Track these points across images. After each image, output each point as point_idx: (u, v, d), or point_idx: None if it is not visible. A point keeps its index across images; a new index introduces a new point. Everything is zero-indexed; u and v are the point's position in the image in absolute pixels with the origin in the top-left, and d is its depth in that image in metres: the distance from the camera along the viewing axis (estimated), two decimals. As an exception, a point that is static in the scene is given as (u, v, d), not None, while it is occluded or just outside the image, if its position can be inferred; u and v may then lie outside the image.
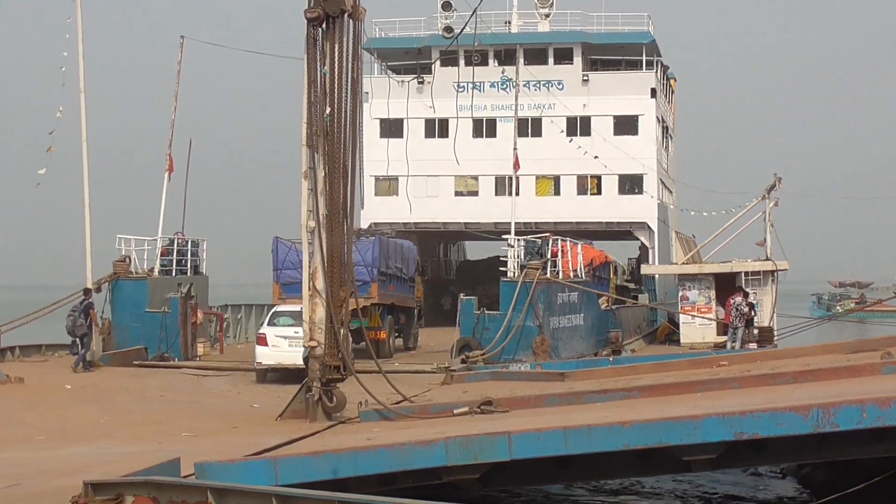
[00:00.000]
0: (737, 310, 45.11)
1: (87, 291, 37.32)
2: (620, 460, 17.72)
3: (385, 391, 25.03)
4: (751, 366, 27.24)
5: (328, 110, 23.01)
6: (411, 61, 64.37)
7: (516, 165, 47.07)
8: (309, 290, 23.55)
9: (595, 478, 20.18)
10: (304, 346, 24.10)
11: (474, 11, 34.92)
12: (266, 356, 34.08)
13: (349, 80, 23.30)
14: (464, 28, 37.88)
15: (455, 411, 22.27)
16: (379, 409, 23.36)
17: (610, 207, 63.29)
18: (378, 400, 23.72)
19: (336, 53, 23.10)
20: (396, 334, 43.95)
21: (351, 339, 34.28)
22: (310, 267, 23.79)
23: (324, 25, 23.19)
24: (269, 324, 35.18)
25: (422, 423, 21.60)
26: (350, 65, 23.32)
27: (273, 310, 36.87)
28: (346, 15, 23.03)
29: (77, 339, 35.94)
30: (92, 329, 36.09)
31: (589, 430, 17.20)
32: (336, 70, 23.10)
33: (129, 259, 41.72)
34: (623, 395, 23.08)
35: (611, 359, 34.59)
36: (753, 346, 43.39)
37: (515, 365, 35.36)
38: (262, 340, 34.53)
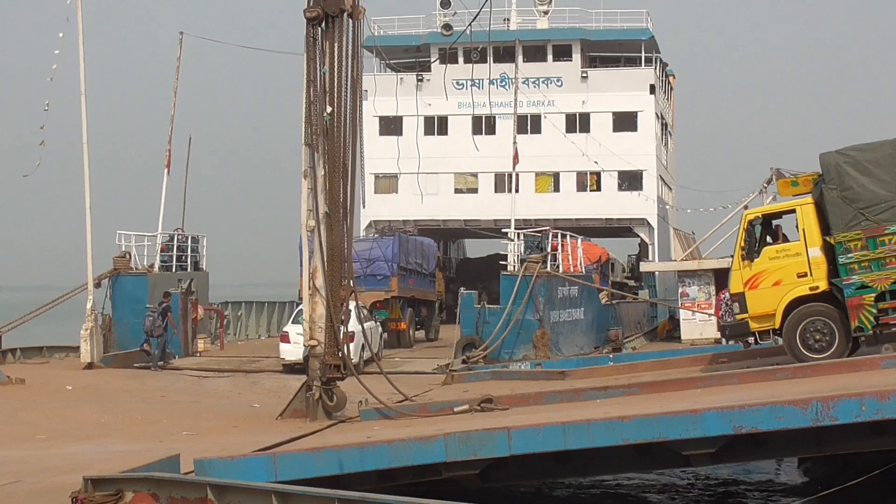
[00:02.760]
0: (725, 305, 45.01)
1: (166, 295, 38.59)
2: (620, 455, 17.74)
3: (386, 391, 25.04)
4: (751, 362, 27.27)
5: (329, 110, 23.00)
6: (410, 59, 64.46)
7: (515, 160, 47.10)
8: (309, 288, 23.57)
9: (595, 473, 20.14)
10: (304, 345, 24.14)
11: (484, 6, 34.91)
12: (288, 352, 35.18)
13: (349, 80, 23.30)
14: (490, 24, 38.16)
15: (455, 409, 22.32)
16: (379, 407, 23.38)
17: (609, 204, 63.37)
18: (378, 399, 23.73)
19: (335, 53, 23.09)
20: (418, 326, 46.25)
21: (381, 329, 35.54)
22: (310, 266, 23.82)
23: (323, 25, 23.19)
24: (293, 321, 36.10)
25: (422, 421, 21.62)
26: (350, 64, 23.32)
27: (299, 307, 37.71)
28: (345, 14, 23.02)
29: (152, 339, 36.99)
30: (167, 330, 37.28)
31: (588, 426, 17.23)
32: (336, 69, 23.10)
33: (130, 255, 41.84)
34: (623, 392, 23.13)
35: (611, 356, 34.62)
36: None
37: (516, 364, 35.42)
38: (285, 338, 35.96)
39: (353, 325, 36.25)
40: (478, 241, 70.15)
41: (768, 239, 26.54)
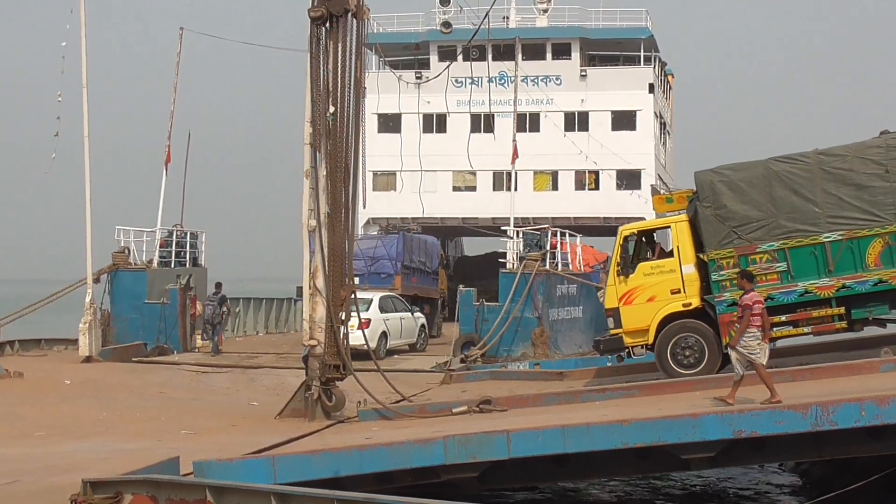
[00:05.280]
0: None
1: (218, 285, 40.54)
2: (619, 459, 17.77)
3: (384, 390, 25.02)
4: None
5: (332, 109, 22.98)
6: (409, 56, 64.41)
7: (514, 156, 47.09)
8: (309, 288, 23.55)
9: (593, 476, 20.20)
10: (304, 344, 24.13)
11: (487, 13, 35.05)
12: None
13: (352, 79, 23.28)
14: (477, 31, 38.26)
15: (454, 410, 22.35)
16: (378, 408, 23.38)
17: (608, 203, 63.29)
18: (377, 399, 23.71)
19: (339, 52, 23.08)
20: None
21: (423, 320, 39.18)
22: (311, 266, 23.78)
23: (327, 24, 23.17)
24: None
25: (420, 422, 21.62)
26: (353, 64, 23.31)
27: None
28: (349, 14, 23.01)
29: (213, 326, 39.49)
30: (223, 317, 40.10)
31: (587, 429, 17.27)
32: (339, 69, 23.09)
33: (128, 250, 41.93)
34: (622, 394, 23.15)
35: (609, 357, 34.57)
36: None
37: (514, 363, 35.42)
38: None
39: (373, 313, 36.95)
40: (476, 239, 70.16)
41: (648, 254, 26.85)
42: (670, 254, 26.23)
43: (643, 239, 26.95)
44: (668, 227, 26.52)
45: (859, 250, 24.71)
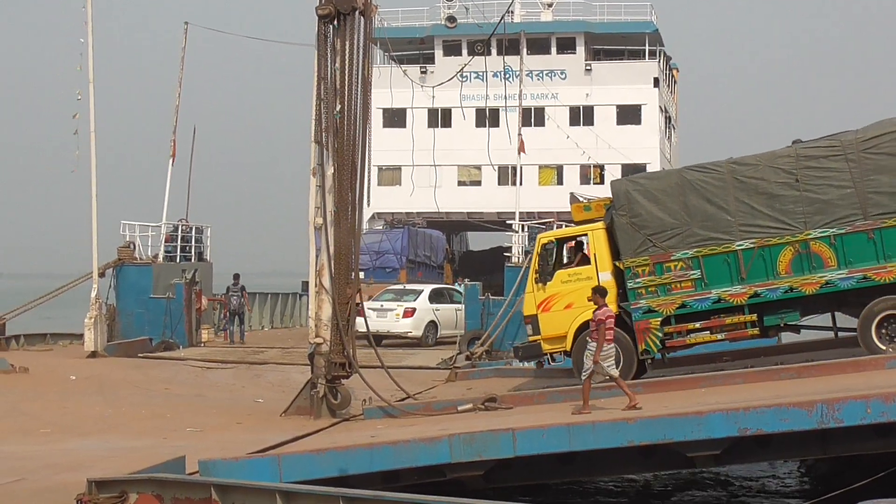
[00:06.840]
0: None
1: (236, 276, 41.77)
2: (624, 456, 17.79)
3: (389, 387, 25.01)
4: (755, 361, 27.26)
5: (338, 107, 22.95)
6: (414, 51, 64.32)
7: (521, 149, 47.00)
8: (315, 286, 23.52)
9: (599, 474, 20.23)
10: (310, 342, 24.10)
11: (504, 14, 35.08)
12: None
13: (360, 77, 23.26)
14: (497, 26, 38.36)
15: (459, 408, 22.35)
16: (383, 406, 23.37)
17: (613, 197, 63.12)
18: (381, 397, 23.68)
19: (347, 50, 23.06)
20: None
21: None
22: (317, 263, 23.74)
23: (335, 22, 23.14)
24: None
25: (426, 421, 21.64)
26: (360, 61, 23.28)
27: None
28: (356, 12, 22.99)
29: (236, 316, 41.56)
30: (245, 307, 42.23)
31: (593, 427, 17.32)
32: (346, 67, 23.06)
33: (134, 245, 42.00)
34: (626, 391, 23.09)
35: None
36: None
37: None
38: None
39: (420, 303, 37.12)
40: (481, 233, 70.05)
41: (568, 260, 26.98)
42: (588, 261, 26.29)
43: (563, 246, 27.13)
44: (586, 234, 26.54)
45: (770, 258, 24.77)
